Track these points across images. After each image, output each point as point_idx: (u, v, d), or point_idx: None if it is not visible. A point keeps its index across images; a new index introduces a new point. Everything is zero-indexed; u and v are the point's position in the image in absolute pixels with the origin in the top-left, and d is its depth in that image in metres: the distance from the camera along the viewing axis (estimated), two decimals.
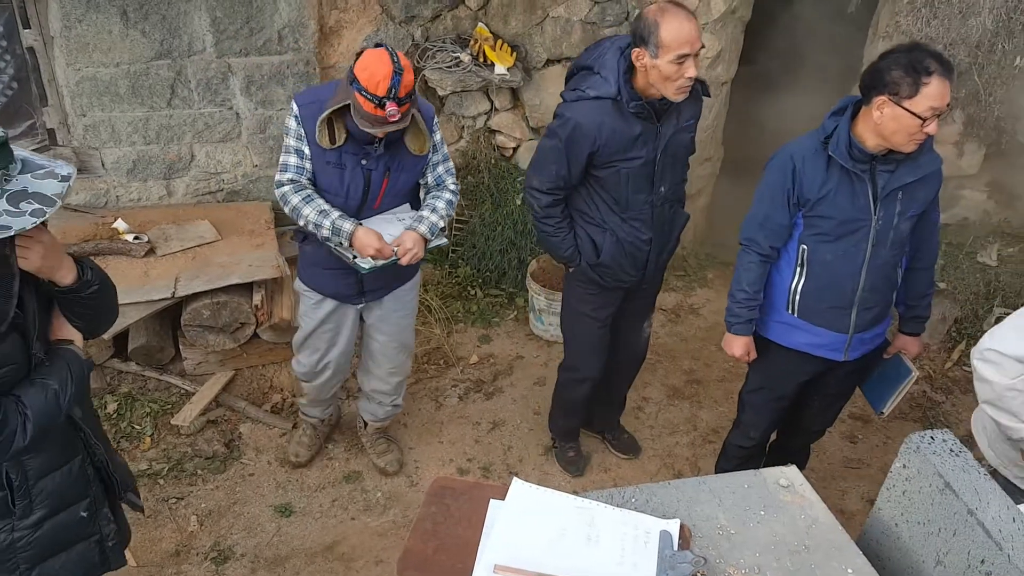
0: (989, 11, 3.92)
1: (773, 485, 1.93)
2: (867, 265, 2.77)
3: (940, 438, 1.77)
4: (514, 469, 3.69)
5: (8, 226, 1.63)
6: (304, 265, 3.16)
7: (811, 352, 2.96)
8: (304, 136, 2.82)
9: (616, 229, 3.08)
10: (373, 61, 2.61)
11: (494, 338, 4.48)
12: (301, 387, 3.57)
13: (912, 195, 2.72)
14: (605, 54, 2.88)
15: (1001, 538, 1.59)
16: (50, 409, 1.90)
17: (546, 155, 2.97)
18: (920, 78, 2.46)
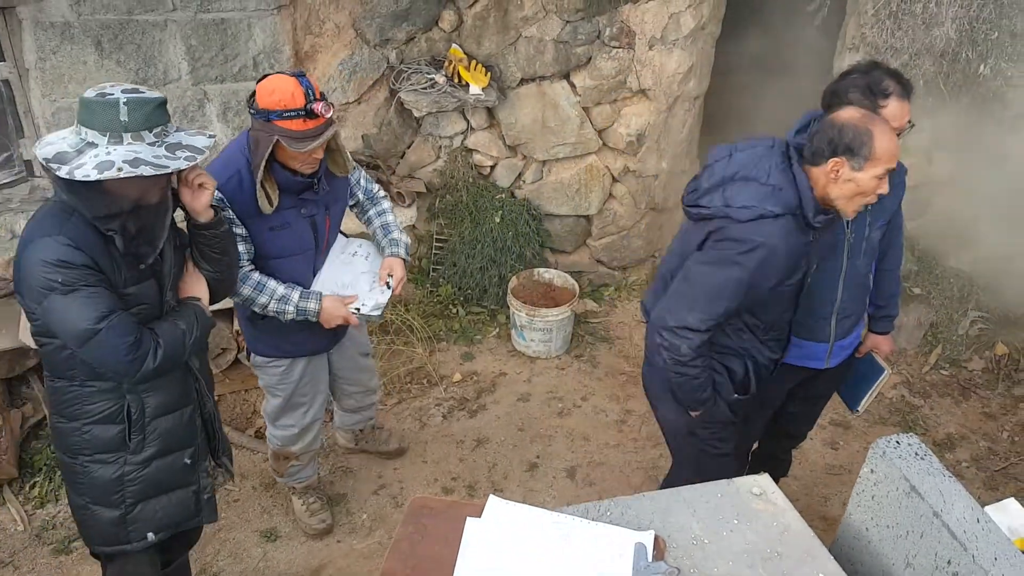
0: (952, 21, 4.00)
1: (746, 494, 1.96)
2: (844, 277, 2.82)
3: (905, 442, 1.81)
4: (499, 487, 3.70)
5: (167, 166, 1.97)
6: (258, 338, 2.93)
7: (796, 363, 3.00)
8: (235, 218, 2.61)
9: (756, 354, 2.73)
10: (272, 83, 2.48)
11: (477, 355, 4.50)
12: (285, 459, 3.30)
13: (880, 206, 2.74)
14: (767, 160, 2.49)
15: (966, 539, 1.62)
16: (177, 344, 2.18)
17: (718, 289, 2.48)
18: (877, 100, 2.53)
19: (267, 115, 2.47)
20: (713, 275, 2.49)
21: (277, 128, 2.46)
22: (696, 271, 2.53)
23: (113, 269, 2.08)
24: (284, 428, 3.19)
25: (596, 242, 5.08)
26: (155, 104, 2.00)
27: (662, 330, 2.57)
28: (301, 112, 2.45)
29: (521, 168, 4.75)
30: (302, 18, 4.17)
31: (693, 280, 2.53)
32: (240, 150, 2.63)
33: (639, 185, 4.92)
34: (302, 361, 3.01)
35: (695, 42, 4.57)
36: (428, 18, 4.29)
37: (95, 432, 2.24)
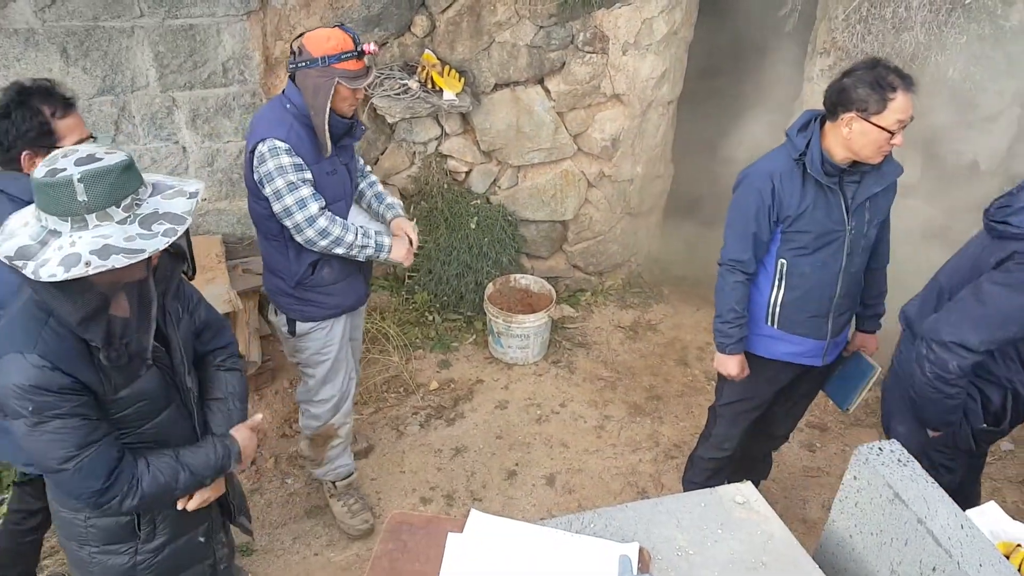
0: (921, 24, 4.03)
1: (729, 502, 1.95)
2: (843, 273, 2.85)
3: (888, 449, 1.80)
4: (478, 496, 3.67)
5: (142, 249, 1.65)
6: (305, 302, 3.05)
7: (792, 361, 3.02)
8: (303, 164, 2.80)
9: (1019, 387, 2.62)
10: (323, 33, 2.72)
11: (453, 363, 4.46)
12: (326, 441, 3.39)
13: (878, 203, 2.83)
14: None
15: (950, 545, 1.62)
16: (162, 492, 1.97)
17: (1011, 314, 2.38)
18: (886, 94, 2.54)
19: (326, 60, 2.69)
20: (1010, 298, 2.38)
21: (338, 71, 2.70)
22: (990, 290, 2.42)
23: (99, 380, 1.81)
24: (325, 401, 3.28)
25: (572, 247, 5.07)
26: (117, 172, 1.64)
27: (933, 343, 2.47)
28: (355, 53, 2.72)
29: (496, 174, 4.72)
30: (272, 24, 4.11)
31: (985, 299, 2.42)
32: (282, 107, 2.82)
33: (614, 190, 4.92)
34: (342, 319, 3.17)
35: (668, 47, 4.57)
36: (400, 23, 4.26)
37: (100, 524, 2.05)
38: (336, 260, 3.03)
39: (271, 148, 2.75)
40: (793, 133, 2.76)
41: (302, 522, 3.52)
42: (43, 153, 2.18)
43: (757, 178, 2.79)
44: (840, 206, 2.75)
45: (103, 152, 1.69)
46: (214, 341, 2.22)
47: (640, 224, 5.24)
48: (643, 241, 5.36)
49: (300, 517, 3.54)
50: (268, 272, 3.11)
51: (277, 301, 3.12)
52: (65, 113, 2.28)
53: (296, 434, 3.94)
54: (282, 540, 3.43)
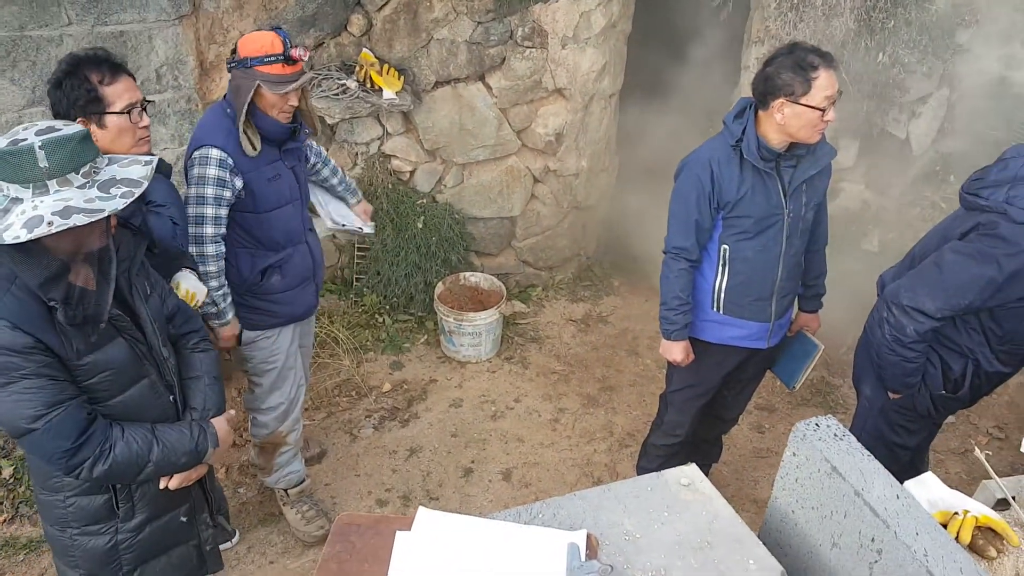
0: (851, 11, 4.13)
1: (675, 485, 1.97)
2: (783, 256, 2.91)
3: (824, 424, 1.84)
4: (434, 495, 3.66)
5: (101, 209, 1.75)
6: (253, 310, 3.03)
7: (738, 344, 3.07)
8: (226, 181, 2.75)
9: (981, 360, 2.69)
10: (253, 36, 2.69)
11: (406, 364, 4.44)
12: (275, 449, 3.35)
13: (814, 186, 2.89)
14: None
15: (887, 516, 1.65)
16: (131, 464, 1.99)
17: (967, 282, 2.46)
18: (809, 74, 2.60)
19: (248, 62, 2.67)
20: (967, 268, 2.44)
21: (259, 73, 2.67)
22: (951, 259, 2.49)
23: (62, 343, 1.87)
24: (272, 409, 3.25)
25: (521, 243, 5.07)
26: (77, 140, 1.76)
27: (893, 305, 2.56)
28: (280, 57, 2.67)
29: (441, 172, 4.71)
30: (205, 28, 4.04)
31: (945, 267, 2.49)
32: (222, 112, 2.80)
33: (560, 184, 4.94)
34: (289, 328, 3.16)
35: (607, 40, 4.61)
36: (336, 23, 4.22)
37: (80, 503, 2.09)
38: (288, 267, 3.02)
39: (202, 157, 2.74)
40: (730, 120, 2.80)
41: (256, 531, 3.47)
42: (95, 119, 2.27)
43: (696, 166, 2.83)
44: (778, 190, 2.80)
45: (61, 124, 1.80)
46: (185, 325, 2.28)
47: (588, 218, 5.27)
48: (592, 235, 5.39)
49: (254, 526, 3.49)
50: None
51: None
52: (113, 79, 2.30)
53: (247, 443, 3.89)
54: (236, 550, 3.38)
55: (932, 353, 2.70)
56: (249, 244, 2.95)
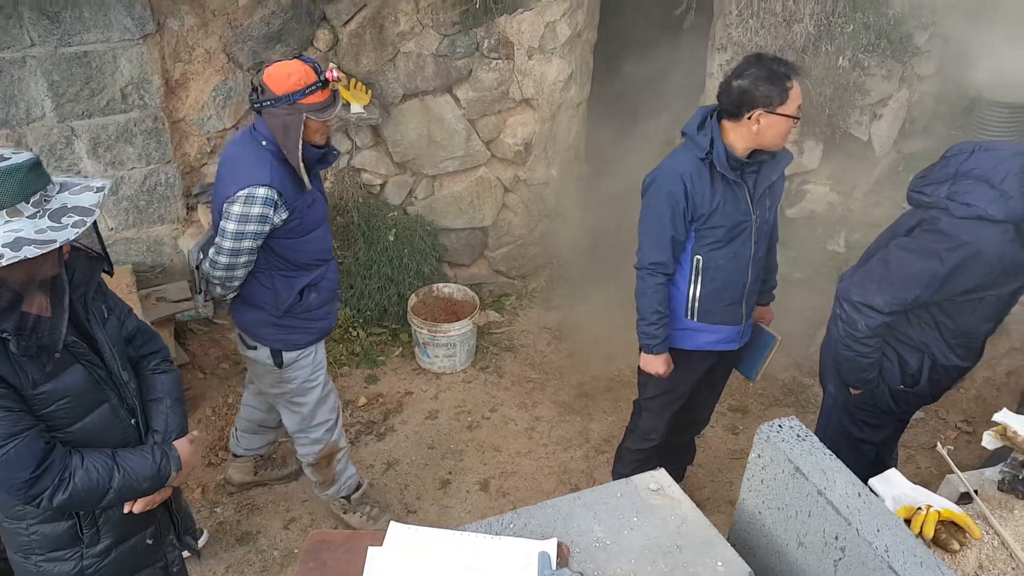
0: (810, 17, 4.20)
1: (644, 490, 1.99)
2: (752, 260, 2.96)
3: (787, 425, 1.87)
4: (412, 508, 3.66)
5: (53, 239, 1.72)
6: (292, 330, 3.04)
7: (713, 348, 3.12)
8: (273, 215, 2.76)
9: (936, 354, 2.74)
10: (282, 69, 2.67)
11: (381, 377, 4.44)
12: (330, 459, 3.37)
13: (775, 191, 2.96)
14: (1006, 165, 2.46)
15: (849, 513, 1.69)
16: (92, 493, 1.97)
17: (912, 276, 2.52)
18: (785, 84, 2.64)
19: (291, 98, 2.65)
20: (911, 263, 2.51)
21: (304, 106, 2.66)
22: (896, 255, 2.57)
23: (16, 374, 1.85)
24: (323, 424, 3.26)
25: (493, 253, 5.10)
26: (26, 169, 1.73)
27: (844, 301, 2.62)
28: (319, 84, 2.67)
29: (411, 184, 4.73)
30: (170, 46, 4.03)
31: (891, 263, 2.56)
32: (257, 145, 2.77)
33: (531, 193, 4.97)
34: (322, 342, 3.19)
35: (573, 50, 4.65)
36: (302, 38, 4.22)
37: (43, 531, 2.08)
38: (323, 284, 3.05)
39: (249, 196, 2.72)
40: (693, 132, 2.81)
41: (234, 550, 3.45)
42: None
43: (667, 181, 2.83)
44: (745, 197, 2.85)
45: (10, 152, 1.76)
46: (146, 347, 2.26)
47: (559, 226, 5.30)
48: (563, 243, 5.42)
49: (232, 545, 3.48)
50: (245, 306, 3.02)
51: (258, 333, 3.04)
52: None
53: (222, 462, 3.87)
54: (215, 570, 3.36)
55: (889, 348, 2.75)
56: (284, 267, 2.95)
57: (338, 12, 4.18)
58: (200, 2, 3.98)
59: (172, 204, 4.31)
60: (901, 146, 4.79)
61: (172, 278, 4.44)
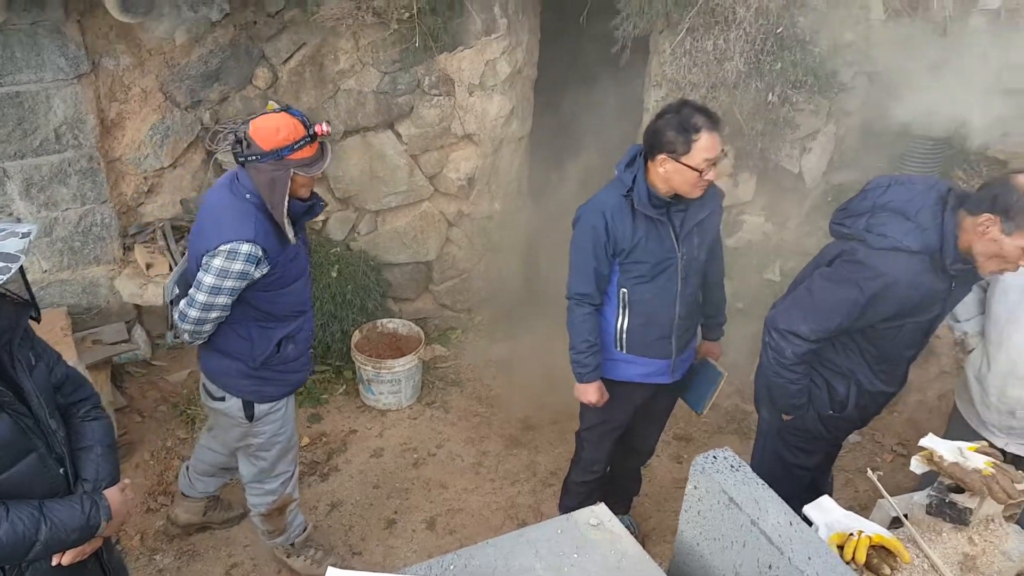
0: (740, 55, 4.34)
1: (584, 526, 2.00)
2: (680, 296, 3.00)
3: (721, 456, 1.91)
4: (357, 549, 3.61)
5: None
6: (266, 382, 2.98)
7: (644, 381, 3.15)
8: (254, 271, 2.70)
9: (862, 380, 2.82)
10: (270, 123, 2.59)
11: (324, 416, 4.39)
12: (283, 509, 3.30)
13: (704, 228, 2.99)
14: (921, 199, 2.54)
15: (781, 543, 1.72)
16: (18, 547, 1.91)
17: (834, 305, 2.61)
18: (691, 136, 2.69)
19: (279, 153, 2.57)
20: (833, 292, 2.60)
21: (292, 162, 2.59)
22: (819, 284, 2.66)
23: None
24: (280, 475, 3.21)
25: (438, 287, 5.10)
26: None
27: (772, 330, 2.69)
28: (308, 139, 2.60)
29: (354, 220, 4.72)
30: (105, 85, 3.99)
31: (814, 292, 2.65)
32: (241, 197, 2.70)
33: (475, 227, 5.00)
34: (293, 394, 3.13)
35: (513, 86, 4.72)
36: (241, 77, 4.21)
37: None
38: (300, 335, 2.99)
39: (231, 251, 2.65)
40: (621, 169, 2.89)
41: None
42: None
43: (591, 215, 2.91)
44: (670, 235, 2.90)
45: None
46: (75, 394, 2.21)
47: (504, 259, 5.34)
48: (508, 276, 5.45)
49: None
50: (217, 355, 2.94)
51: (229, 384, 2.96)
52: None
53: (162, 507, 3.78)
54: None
55: (817, 375, 2.83)
56: (262, 318, 2.89)
57: (277, 50, 4.19)
58: (136, 41, 3.95)
59: (108, 245, 4.24)
60: (830, 177, 4.95)
61: (108, 320, 4.35)
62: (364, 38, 4.19)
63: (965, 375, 3.15)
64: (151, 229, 4.29)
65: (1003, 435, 3.03)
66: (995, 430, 3.04)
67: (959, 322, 3.07)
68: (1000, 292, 2.93)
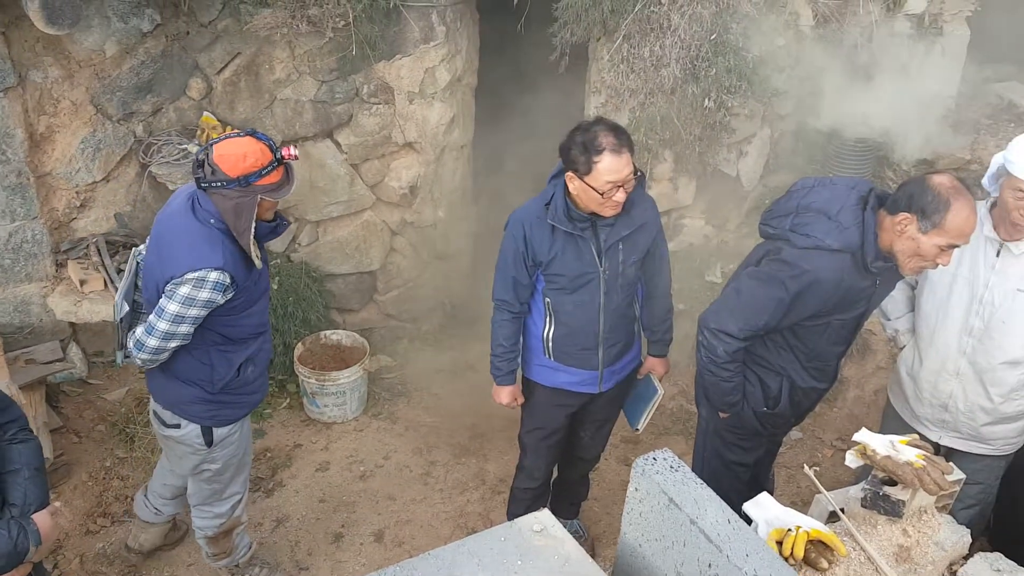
0: (676, 61, 4.40)
1: (528, 532, 2.00)
2: (603, 310, 2.99)
3: (661, 457, 1.93)
4: (304, 564, 3.56)
5: None
6: (224, 405, 2.91)
7: (571, 389, 3.16)
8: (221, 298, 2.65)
9: (794, 377, 2.86)
10: (235, 148, 2.53)
11: (268, 431, 4.32)
12: (229, 533, 3.23)
13: (633, 243, 2.96)
14: (842, 199, 2.60)
15: (720, 541, 1.75)
16: None
17: (760, 303, 2.64)
18: (592, 157, 2.67)
19: (246, 180, 2.51)
20: (759, 290, 2.64)
21: (259, 188, 2.55)
22: (746, 283, 2.70)
23: None
24: (233, 497, 3.15)
25: (383, 296, 5.06)
26: None
27: (704, 329, 2.72)
28: (275, 163, 2.56)
29: (295, 231, 4.66)
30: (33, 99, 3.88)
31: (742, 291, 2.69)
32: (204, 223, 2.64)
33: (419, 236, 4.98)
34: (247, 418, 3.09)
35: (454, 94, 4.71)
36: (174, 88, 4.14)
37: None
38: (259, 356, 2.94)
39: (199, 280, 2.59)
40: (549, 180, 2.89)
41: None
42: None
43: (513, 225, 2.93)
44: (590, 249, 2.88)
45: None
46: (1, 417, 2.16)
47: (450, 267, 5.32)
48: (455, 283, 5.44)
49: None
50: (175, 382, 2.85)
51: (187, 411, 2.88)
52: None
53: (102, 529, 3.68)
54: None
55: (751, 373, 2.88)
56: (222, 342, 2.82)
57: (211, 60, 4.13)
58: (65, 53, 3.85)
59: (40, 262, 4.11)
60: (767, 180, 5.05)
61: (42, 338, 4.22)
62: (300, 47, 4.15)
63: (897, 371, 3.23)
64: (85, 245, 4.18)
65: (937, 428, 3.12)
66: (928, 424, 3.13)
67: (890, 320, 3.16)
68: (928, 291, 3.03)
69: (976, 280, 2.89)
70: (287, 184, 2.66)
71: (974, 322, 2.91)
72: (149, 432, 4.03)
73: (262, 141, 2.58)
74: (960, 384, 3.00)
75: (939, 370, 3.03)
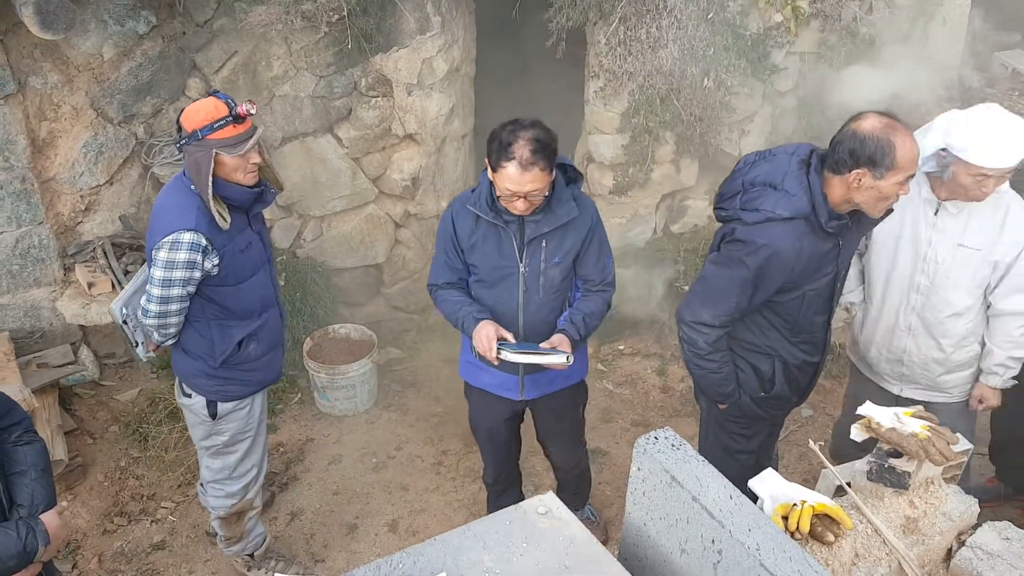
0: (673, 42, 4.38)
1: (533, 515, 2.02)
2: (522, 310, 2.91)
3: (662, 436, 1.93)
4: (319, 556, 3.60)
5: None
6: (228, 381, 2.99)
7: (491, 391, 3.09)
8: (202, 260, 2.73)
9: (784, 355, 2.81)
10: (194, 107, 2.67)
11: (281, 426, 4.35)
12: (241, 516, 3.27)
13: (558, 243, 2.84)
14: (784, 167, 2.58)
15: (722, 516, 1.76)
16: None
17: (726, 286, 2.60)
18: (500, 159, 2.60)
19: (198, 134, 2.62)
20: (722, 274, 2.62)
21: (212, 142, 2.62)
22: (709, 270, 2.69)
23: None
24: (243, 476, 3.19)
25: (390, 289, 5.08)
26: None
27: (681, 323, 2.69)
28: (228, 118, 2.63)
29: (299, 227, 4.68)
30: (34, 105, 3.91)
31: (707, 278, 2.68)
32: (184, 188, 2.75)
33: (423, 227, 4.99)
34: (260, 393, 3.14)
35: (452, 84, 4.71)
36: (173, 88, 4.15)
37: None
38: (263, 333, 2.99)
39: (174, 242, 2.69)
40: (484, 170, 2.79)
41: None
42: None
43: (450, 208, 2.92)
44: (512, 243, 2.80)
45: None
46: (6, 419, 2.18)
47: None
48: None
49: None
50: (182, 354, 2.98)
51: (193, 384, 3.00)
52: None
53: (119, 528, 3.73)
54: None
55: (740, 359, 2.83)
56: (222, 316, 2.90)
57: (209, 60, 4.14)
58: (63, 58, 3.88)
59: (48, 266, 4.15)
60: None
61: (53, 342, 4.27)
62: (296, 43, 4.15)
63: (854, 333, 3.39)
64: (91, 248, 4.21)
65: (896, 382, 3.28)
66: (888, 378, 3.29)
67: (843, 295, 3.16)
68: (875, 255, 3.14)
69: (919, 239, 3.00)
70: (243, 142, 2.70)
71: (920, 279, 3.04)
72: (162, 431, 4.08)
73: (220, 99, 2.69)
74: (912, 339, 3.14)
75: (892, 327, 3.17)
